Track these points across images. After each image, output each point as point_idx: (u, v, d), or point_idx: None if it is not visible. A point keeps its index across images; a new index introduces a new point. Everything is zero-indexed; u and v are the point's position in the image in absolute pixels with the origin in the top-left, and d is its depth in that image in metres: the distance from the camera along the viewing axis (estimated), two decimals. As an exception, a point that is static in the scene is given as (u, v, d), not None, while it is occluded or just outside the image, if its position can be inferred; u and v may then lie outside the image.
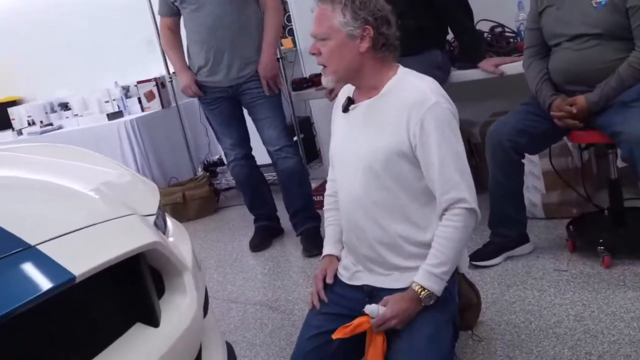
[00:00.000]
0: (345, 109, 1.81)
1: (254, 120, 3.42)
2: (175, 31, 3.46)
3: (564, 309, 2.24)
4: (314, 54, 1.72)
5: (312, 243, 3.32)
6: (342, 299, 1.82)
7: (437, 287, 1.65)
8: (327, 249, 1.93)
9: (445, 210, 1.66)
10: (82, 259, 1.20)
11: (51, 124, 5.26)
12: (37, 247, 1.17)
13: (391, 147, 1.66)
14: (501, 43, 3.29)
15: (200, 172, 4.99)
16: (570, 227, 2.72)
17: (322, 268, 1.89)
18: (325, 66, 1.72)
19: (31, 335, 1.18)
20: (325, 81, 1.75)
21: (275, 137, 3.36)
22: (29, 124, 5.39)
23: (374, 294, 1.75)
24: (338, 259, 1.90)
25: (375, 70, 1.72)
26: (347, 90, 1.87)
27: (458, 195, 1.64)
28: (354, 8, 1.63)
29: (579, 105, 2.39)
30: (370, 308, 1.65)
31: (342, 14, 1.64)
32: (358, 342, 1.72)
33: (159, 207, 1.71)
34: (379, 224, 1.72)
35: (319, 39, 1.70)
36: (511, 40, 3.31)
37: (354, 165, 1.74)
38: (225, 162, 3.75)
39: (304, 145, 4.46)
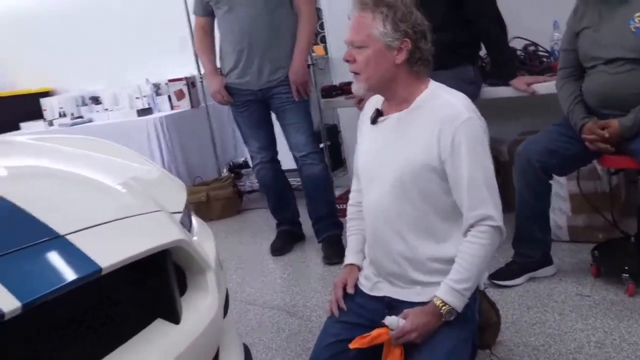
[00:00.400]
0: (374, 121, 1.80)
1: (281, 125, 3.43)
2: (208, 32, 3.48)
3: (585, 335, 2.21)
4: (348, 60, 1.71)
5: (333, 251, 3.32)
6: (361, 309, 1.81)
7: (458, 303, 1.63)
8: (349, 258, 1.92)
9: (472, 226, 1.65)
10: (109, 251, 1.21)
11: (81, 117, 5.34)
12: (66, 237, 1.19)
13: (421, 160, 1.66)
14: (534, 62, 3.26)
15: (225, 173, 5.02)
16: (595, 252, 2.68)
17: (343, 277, 1.88)
18: (358, 74, 1.71)
19: (54, 324, 1.19)
20: (356, 88, 1.74)
21: (302, 143, 3.37)
22: (60, 116, 5.48)
23: (394, 305, 1.74)
24: (359, 268, 1.90)
25: (408, 83, 1.71)
26: (375, 102, 1.86)
27: (485, 212, 1.63)
28: (396, 20, 1.63)
29: (612, 129, 2.36)
30: (390, 320, 1.65)
31: (383, 24, 1.63)
32: (374, 353, 1.71)
33: (186, 205, 1.72)
34: (403, 238, 1.72)
35: (354, 47, 1.69)
36: (544, 59, 3.29)
37: (382, 177, 1.74)
38: (251, 164, 3.77)
39: (330, 152, 4.47)
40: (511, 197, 2.70)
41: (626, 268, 2.45)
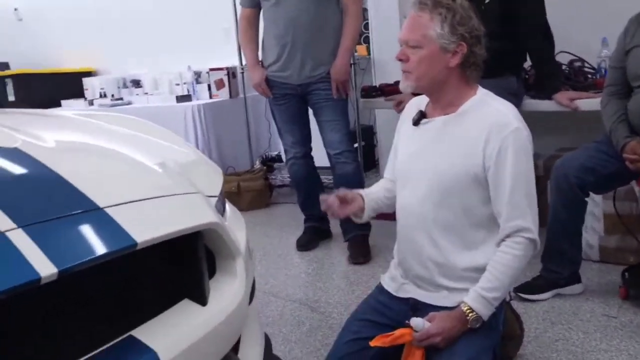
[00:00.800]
0: (417, 122, 1.79)
1: (318, 121, 3.44)
2: (253, 23, 3.50)
3: (609, 356, 2.18)
4: (401, 59, 1.69)
5: (359, 251, 3.32)
6: (385, 309, 1.82)
7: (485, 311, 1.63)
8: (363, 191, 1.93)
9: (507, 236, 1.64)
10: (145, 227, 1.24)
11: (121, 99, 5.42)
12: (105, 209, 1.21)
13: (464, 166, 1.65)
14: (579, 78, 3.22)
15: (257, 165, 5.05)
16: (626, 274, 2.64)
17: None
18: (409, 72, 1.69)
19: (85, 294, 1.22)
20: (404, 86, 1.73)
21: (337, 140, 3.37)
22: (101, 96, 5.57)
23: (419, 308, 1.74)
24: (362, 199, 1.89)
25: (458, 88, 1.70)
26: (417, 103, 1.85)
27: (523, 224, 1.62)
28: (454, 22, 1.62)
29: None
30: (415, 321, 1.64)
31: (441, 25, 1.62)
32: (394, 353, 1.71)
33: (221, 191, 1.75)
34: (435, 242, 1.71)
35: (408, 46, 1.67)
36: (589, 76, 3.24)
37: (421, 180, 1.73)
38: (284, 159, 3.79)
39: (364, 153, 4.47)
40: (544, 212, 2.67)
41: (656, 293, 2.41)
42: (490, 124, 1.63)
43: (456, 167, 1.66)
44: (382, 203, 1.92)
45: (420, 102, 1.84)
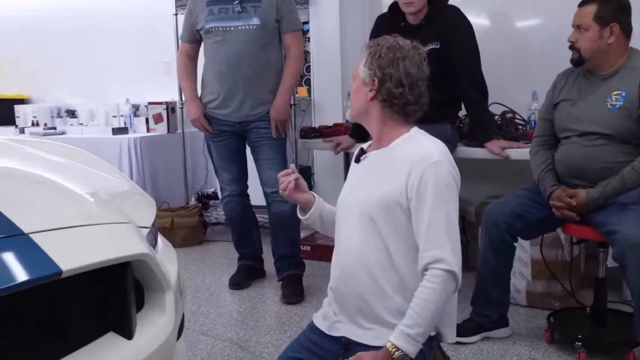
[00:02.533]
0: (357, 159, 1.87)
1: (255, 159, 3.43)
2: (193, 58, 3.49)
3: (534, 399, 2.22)
4: None
5: (293, 291, 3.30)
6: (316, 347, 1.79)
7: (411, 349, 1.62)
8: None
9: (425, 269, 1.66)
10: (71, 255, 1.20)
11: (54, 128, 5.27)
12: (30, 235, 1.17)
13: (389, 195, 1.69)
14: (510, 128, 3.35)
15: (192, 201, 4.98)
16: (551, 318, 2.71)
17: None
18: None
19: (6, 320, 1.16)
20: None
21: (273, 179, 3.33)
22: (33, 124, 5.40)
23: (350, 347, 1.72)
24: (314, 198, 1.93)
25: (382, 122, 1.79)
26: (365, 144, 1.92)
27: (440, 255, 1.64)
28: (372, 60, 1.77)
29: (579, 199, 2.43)
30: (344, 362, 1.63)
31: (364, 62, 1.79)
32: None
33: (153, 223, 1.71)
34: (371, 273, 1.71)
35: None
36: (520, 127, 3.37)
37: (353, 211, 1.77)
38: (220, 196, 3.75)
39: (300, 193, 4.46)
40: (475, 257, 2.73)
41: (579, 337, 2.48)
42: (415, 157, 1.69)
43: (383, 196, 1.70)
44: (329, 216, 1.93)
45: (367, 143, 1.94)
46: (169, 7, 4.72)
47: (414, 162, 1.68)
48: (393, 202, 1.69)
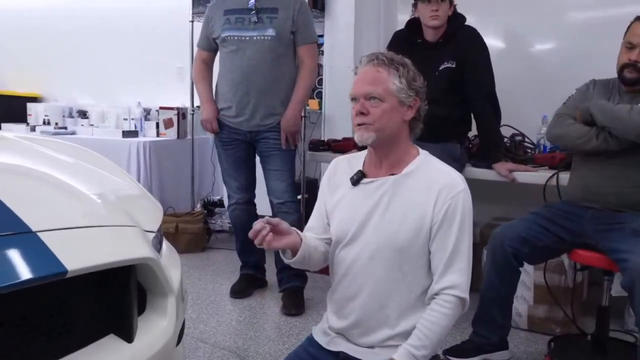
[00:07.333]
0: (356, 182, 1.78)
1: (264, 169, 3.44)
2: (208, 65, 3.52)
3: None
4: (362, 112, 1.69)
5: (293, 302, 3.29)
6: (314, 361, 1.80)
7: (414, 369, 1.63)
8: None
9: (437, 294, 1.66)
10: (77, 256, 1.21)
11: (65, 128, 5.31)
12: (38, 233, 1.18)
13: (416, 226, 1.68)
14: (519, 151, 3.34)
15: (198, 208, 4.99)
16: (552, 344, 2.70)
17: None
18: (369, 124, 1.69)
19: (6, 320, 1.17)
20: (365, 138, 1.70)
21: (281, 190, 3.38)
22: (44, 123, 5.44)
23: (349, 364, 1.73)
24: (300, 239, 1.74)
25: (406, 143, 1.76)
26: (347, 163, 1.85)
27: (457, 281, 1.65)
28: (409, 78, 1.70)
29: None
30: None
31: (399, 80, 1.68)
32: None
33: (159, 228, 1.72)
34: (386, 306, 1.71)
35: (367, 98, 1.69)
36: (529, 150, 3.38)
37: (371, 240, 1.72)
38: (226, 204, 3.76)
39: (307, 205, 4.47)
40: (476, 278, 2.71)
41: (579, 365, 2.47)
42: (441, 184, 1.68)
43: (411, 228, 1.68)
44: (315, 257, 1.79)
45: (350, 161, 1.85)
46: (186, 13, 4.74)
47: (442, 189, 1.68)
48: (420, 232, 1.68)
